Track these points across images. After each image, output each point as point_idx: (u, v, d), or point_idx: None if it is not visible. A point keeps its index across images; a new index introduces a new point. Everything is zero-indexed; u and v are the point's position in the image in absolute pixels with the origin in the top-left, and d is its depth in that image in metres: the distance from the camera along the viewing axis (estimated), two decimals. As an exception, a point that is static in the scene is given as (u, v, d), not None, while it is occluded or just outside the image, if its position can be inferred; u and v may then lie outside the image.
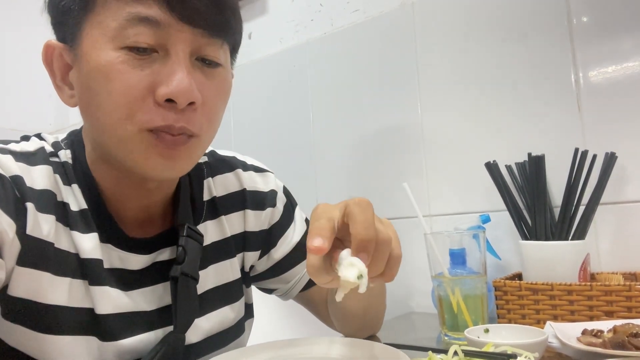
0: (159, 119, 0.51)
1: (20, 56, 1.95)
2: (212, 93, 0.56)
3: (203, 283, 0.65)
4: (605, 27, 0.93)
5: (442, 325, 0.79)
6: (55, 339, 0.54)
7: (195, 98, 0.52)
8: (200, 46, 0.54)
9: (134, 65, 0.51)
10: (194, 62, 0.54)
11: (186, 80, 0.51)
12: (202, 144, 0.58)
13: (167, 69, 0.51)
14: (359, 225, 0.45)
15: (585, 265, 0.82)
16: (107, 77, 0.51)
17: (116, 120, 0.52)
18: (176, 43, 0.52)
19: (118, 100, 0.51)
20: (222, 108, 0.59)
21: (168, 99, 0.51)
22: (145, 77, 0.51)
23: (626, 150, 0.88)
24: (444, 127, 1.11)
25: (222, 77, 0.58)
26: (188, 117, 0.53)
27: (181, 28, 0.51)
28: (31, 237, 0.52)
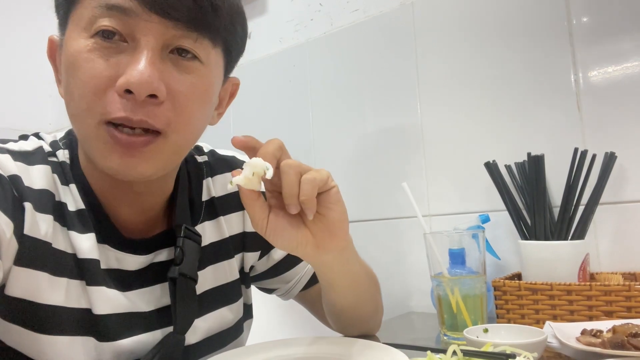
0: (116, 109, 0.49)
1: (20, 56, 1.95)
2: (185, 88, 0.53)
3: (201, 284, 0.65)
4: (604, 27, 0.93)
5: (442, 325, 0.79)
6: (52, 339, 0.54)
7: (155, 90, 0.50)
8: (173, 38, 0.52)
9: (101, 55, 0.50)
10: (167, 55, 0.52)
11: (146, 71, 0.49)
12: (172, 143, 0.54)
13: (131, 59, 0.50)
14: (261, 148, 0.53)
15: (584, 265, 0.82)
16: (74, 65, 0.50)
17: (79, 111, 0.51)
18: (145, 33, 0.50)
19: (82, 90, 0.50)
20: (199, 106, 0.56)
21: (127, 89, 0.49)
22: (109, 66, 0.50)
23: (626, 150, 0.88)
24: (444, 126, 1.11)
25: (200, 74, 0.55)
26: (150, 110, 0.50)
27: (149, 18, 0.50)
28: (29, 237, 0.52)
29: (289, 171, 0.52)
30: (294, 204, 0.52)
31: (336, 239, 0.57)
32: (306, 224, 0.56)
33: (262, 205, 0.54)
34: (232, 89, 0.67)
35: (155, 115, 0.51)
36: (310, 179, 0.52)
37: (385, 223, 1.19)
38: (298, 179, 0.52)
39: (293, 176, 0.52)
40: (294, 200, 0.52)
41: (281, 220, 0.55)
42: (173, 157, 0.56)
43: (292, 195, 0.52)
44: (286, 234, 0.55)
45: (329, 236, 0.56)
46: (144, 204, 0.62)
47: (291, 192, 0.52)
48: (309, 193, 0.52)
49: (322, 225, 0.56)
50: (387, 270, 1.16)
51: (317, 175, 0.53)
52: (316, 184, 0.53)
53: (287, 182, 0.52)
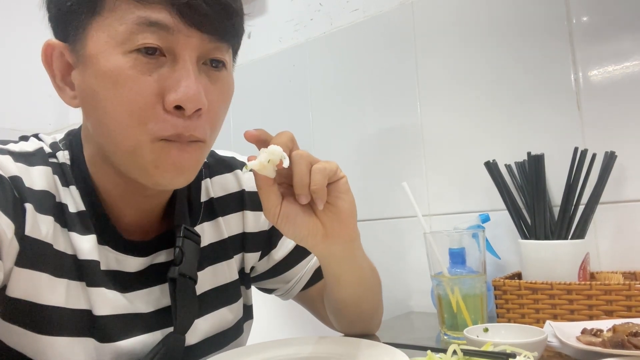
0: (168, 126, 0.51)
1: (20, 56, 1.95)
2: (216, 97, 0.55)
3: (201, 284, 0.65)
4: (604, 26, 0.93)
5: (442, 325, 0.79)
6: (52, 340, 0.54)
7: (203, 104, 0.52)
8: (207, 51, 0.53)
9: (142, 71, 0.50)
10: (200, 66, 0.54)
11: (194, 87, 0.51)
12: (207, 150, 0.57)
13: (176, 75, 0.51)
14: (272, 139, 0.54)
15: (584, 265, 0.82)
16: (115, 82, 0.50)
17: (126, 127, 0.51)
18: (185, 48, 0.51)
19: (128, 107, 0.50)
20: (224, 112, 0.59)
21: (177, 105, 0.51)
22: (153, 83, 0.50)
23: (626, 150, 0.88)
24: (444, 126, 1.11)
25: (226, 81, 0.57)
26: (195, 123, 0.53)
27: (190, 33, 0.51)
28: (30, 238, 0.52)
29: (300, 161, 0.53)
30: (304, 193, 0.53)
31: (345, 229, 0.58)
32: (316, 214, 0.57)
33: (276, 193, 0.55)
34: None
35: (199, 127, 0.54)
36: (321, 169, 0.54)
37: (386, 223, 1.19)
38: (309, 168, 0.54)
39: (304, 166, 0.53)
40: (305, 190, 0.53)
41: (293, 209, 0.56)
42: (204, 160, 0.60)
43: (303, 185, 0.53)
44: (298, 222, 0.56)
45: (338, 226, 0.58)
46: (148, 204, 0.62)
47: (302, 182, 0.53)
48: (320, 182, 0.53)
49: (332, 214, 0.57)
50: (387, 270, 1.15)
51: (327, 165, 0.55)
52: (326, 173, 0.54)
53: (298, 172, 0.53)
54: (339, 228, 0.58)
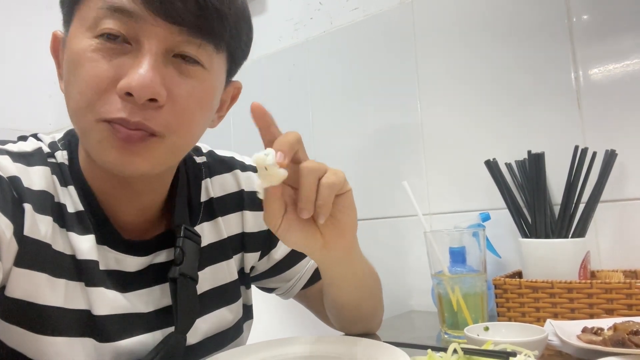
0: (115, 109, 0.50)
1: (20, 56, 1.95)
2: (185, 92, 0.53)
3: (200, 284, 0.65)
4: (605, 25, 0.93)
5: (442, 324, 0.79)
6: (52, 341, 0.54)
7: (156, 94, 0.50)
8: (177, 43, 0.52)
9: (104, 55, 0.50)
10: (170, 59, 0.52)
11: (148, 75, 0.49)
12: (169, 145, 0.54)
13: (133, 62, 0.50)
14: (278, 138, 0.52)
15: (585, 263, 0.82)
16: (77, 64, 0.51)
17: (78, 108, 0.51)
18: (149, 37, 0.50)
19: (82, 88, 0.50)
20: (199, 110, 0.56)
21: (128, 92, 0.49)
22: (111, 67, 0.50)
23: (626, 148, 0.88)
24: (444, 125, 1.11)
25: (202, 78, 0.55)
26: (148, 114, 0.51)
27: (154, 22, 0.50)
28: (29, 238, 0.52)
29: (309, 175, 0.51)
30: (309, 209, 0.51)
31: (344, 240, 0.57)
32: (317, 224, 0.55)
33: (280, 205, 0.53)
34: (233, 93, 0.67)
35: (154, 118, 0.51)
36: (330, 184, 0.51)
37: (386, 222, 1.19)
38: (317, 183, 0.51)
39: (312, 180, 0.51)
40: (310, 206, 0.51)
41: (295, 220, 0.54)
42: (170, 156, 0.56)
43: (309, 201, 0.51)
44: (298, 233, 0.54)
45: (337, 236, 0.56)
46: (142, 202, 0.62)
47: (309, 197, 0.51)
48: (327, 200, 0.51)
49: (333, 227, 0.56)
50: (387, 269, 1.15)
51: (336, 179, 0.52)
52: (335, 189, 0.52)
53: (306, 187, 0.51)
54: (338, 239, 0.57)
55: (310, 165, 0.51)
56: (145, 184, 0.60)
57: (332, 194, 0.52)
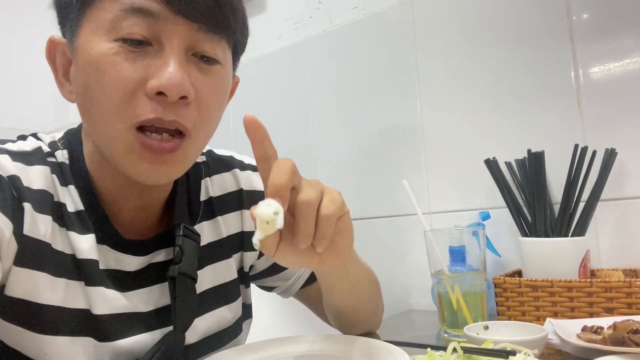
0: (147, 111, 0.50)
1: (20, 56, 1.95)
2: (208, 90, 0.54)
3: (200, 283, 0.65)
4: (605, 24, 0.93)
5: (442, 323, 0.79)
6: (51, 340, 0.54)
7: (187, 92, 0.51)
8: (196, 41, 0.52)
9: (126, 58, 0.50)
10: (190, 57, 0.53)
11: (178, 73, 0.50)
12: (196, 145, 0.55)
13: (160, 62, 0.50)
14: (271, 175, 0.47)
15: (585, 262, 0.82)
16: (99, 69, 0.50)
17: (106, 116, 0.51)
18: (171, 36, 0.51)
19: (109, 94, 0.50)
20: (218, 107, 0.58)
21: (159, 92, 0.50)
22: (137, 69, 0.50)
23: (626, 147, 0.88)
24: (444, 124, 1.11)
25: (220, 75, 0.56)
26: (180, 111, 0.51)
27: (176, 21, 0.50)
28: (28, 238, 0.52)
29: (307, 210, 0.47)
30: (307, 241, 0.48)
31: (340, 259, 0.55)
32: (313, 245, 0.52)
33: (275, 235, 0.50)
34: (232, 87, 0.67)
35: (185, 115, 0.52)
36: (329, 216, 0.48)
37: (386, 221, 1.19)
38: (315, 215, 0.48)
39: (311, 214, 0.48)
40: (309, 239, 0.48)
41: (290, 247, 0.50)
42: (194, 157, 0.58)
43: (309, 235, 0.48)
44: (293, 258, 0.51)
45: (333, 256, 0.54)
46: (145, 200, 0.62)
47: (307, 231, 0.48)
48: (327, 233, 0.49)
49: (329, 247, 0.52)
50: (387, 268, 1.16)
51: (334, 208, 0.49)
52: (334, 219, 0.49)
53: (304, 222, 0.48)
54: (334, 258, 0.54)
55: (307, 199, 0.47)
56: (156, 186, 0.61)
57: (332, 226, 0.49)
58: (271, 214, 0.45)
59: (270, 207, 0.45)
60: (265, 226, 0.46)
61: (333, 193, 0.50)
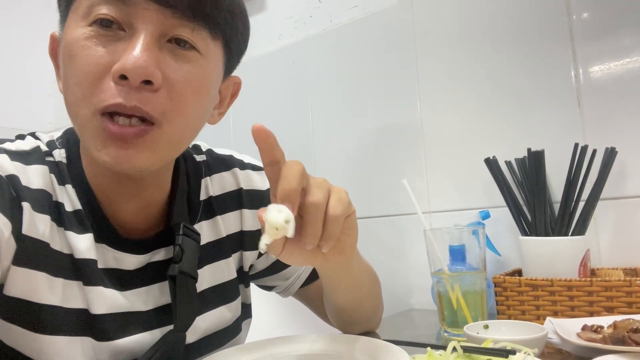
0: (110, 96, 0.49)
1: (19, 56, 1.95)
2: (181, 77, 0.52)
3: (199, 283, 0.65)
4: (605, 23, 0.92)
5: (442, 322, 0.79)
6: (50, 339, 0.54)
7: (150, 75, 0.49)
8: (170, 27, 0.51)
9: (96, 42, 0.50)
10: (164, 44, 0.52)
11: (141, 56, 0.48)
12: (167, 135, 0.52)
13: (127, 46, 0.50)
14: (281, 179, 0.46)
15: (585, 261, 0.82)
16: (71, 53, 0.50)
17: (76, 101, 0.51)
18: (142, 21, 0.50)
19: (79, 78, 0.50)
20: (194, 97, 0.54)
21: (122, 75, 0.49)
22: (105, 54, 0.49)
23: (626, 146, 0.88)
24: (444, 123, 1.11)
25: (198, 64, 0.54)
26: (145, 97, 0.50)
27: (147, 5, 0.50)
28: (27, 237, 0.52)
29: (315, 212, 0.48)
30: (314, 243, 0.48)
31: (344, 256, 0.56)
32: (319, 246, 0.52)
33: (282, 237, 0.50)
34: (233, 89, 0.67)
35: (150, 102, 0.50)
36: (337, 217, 0.48)
37: (386, 220, 1.19)
38: (323, 217, 0.48)
39: (319, 217, 0.48)
40: (316, 240, 0.48)
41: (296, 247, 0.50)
42: (169, 149, 0.55)
43: (316, 236, 0.48)
44: (299, 257, 0.52)
45: (338, 254, 0.54)
46: (143, 199, 0.61)
47: (315, 234, 0.48)
48: (334, 234, 0.49)
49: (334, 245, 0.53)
50: (387, 268, 1.15)
51: (342, 209, 0.49)
52: (341, 221, 0.49)
53: (312, 224, 0.48)
54: (338, 256, 0.55)
55: (316, 201, 0.48)
56: (145, 180, 0.60)
57: (340, 226, 0.49)
58: (282, 222, 0.45)
59: (282, 214, 0.45)
60: (274, 232, 0.45)
61: (340, 193, 0.50)
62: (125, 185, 0.59)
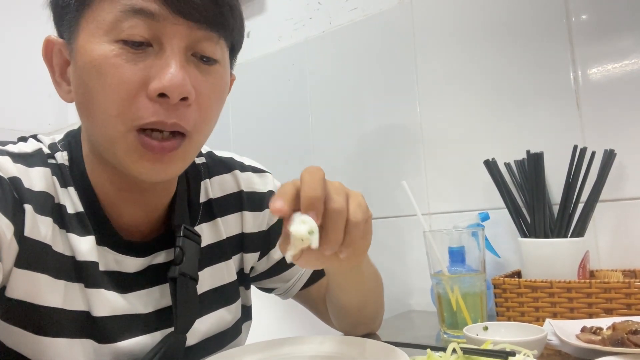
0: (149, 114, 0.50)
1: (19, 56, 1.95)
2: (207, 90, 0.55)
3: (200, 285, 0.65)
4: (604, 24, 0.93)
5: (441, 323, 0.79)
6: (51, 342, 0.54)
7: (188, 93, 0.51)
8: (196, 41, 0.53)
9: (127, 59, 0.50)
10: (189, 57, 0.53)
11: (179, 74, 0.50)
12: (195, 144, 0.56)
13: (161, 63, 0.50)
14: (305, 185, 0.46)
15: (584, 263, 0.82)
16: (100, 71, 0.50)
17: (107, 117, 0.51)
18: (171, 36, 0.51)
19: (111, 96, 0.50)
20: (217, 106, 0.58)
21: (161, 93, 0.50)
22: (138, 71, 0.50)
23: (625, 147, 0.88)
24: (443, 124, 1.11)
25: (219, 75, 0.56)
26: (181, 113, 0.52)
27: (176, 21, 0.51)
28: (29, 239, 0.52)
29: (337, 220, 0.47)
30: (335, 249, 0.48)
31: (357, 259, 0.56)
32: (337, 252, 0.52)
33: None
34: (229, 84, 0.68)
35: (186, 117, 0.52)
36: (359, 223, 0.48)
37: (385, 222, 1.19)
38: (344, 224, 0.48)
39: (340, 224, 0.47)
40: (337, 247, 0.48)
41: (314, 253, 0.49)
42: (194, 155, 0.58)
43: (338, 243, 0.48)
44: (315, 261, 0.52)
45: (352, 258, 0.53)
46: (148, 204, 0.62)
47: (337, 240, 0.47)
48: (355, 241, 0.49)
49: None
50: (387, 269, 1.15)
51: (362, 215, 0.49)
52: (362, 227, 0.49)
53: (335, 230, 0.47)
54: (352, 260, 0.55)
55: (338, 207, 0.47)
56: (155, 187, 0.61)
57: (361, 232, 0.49)
58: (306, 234, 0.45)
59: (305, 226, 0.45)
60: (300, 243, 0.46)
61: (358, 197, 0.50)
62: (133, 192, 0.60)
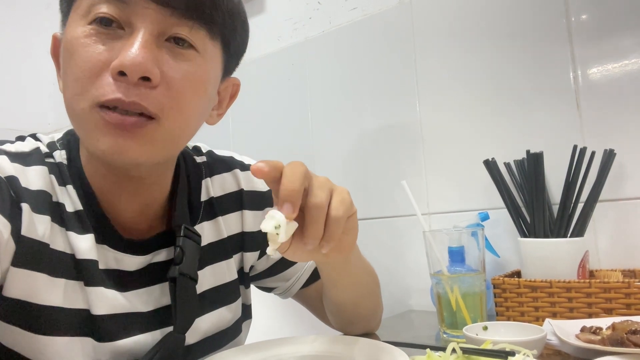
0: (109, 91, 0.50)
1: (20, 56, 1.95)
2: (179, 74, 0.53)
3: (200, 284, 0.65)
4: (603, 24, 0.93)
5: (441, 323, 0.79)
6: (50, 340, 0.54)
7: (148, 72, 0.50)
8: (168, 25, 0.52)
9: (97, 40, 0.51)
10: (163, 42, 0.53)
11: (140, 53, 0.49)
12: (167, 131, 0.53)
13: (127, 44, 0.50)
14: (284, 178, 0.47)
15: (584, 263, 0.82)
16: (71, 51, 0.51)
17: (73, 96, 0.51)
18: (141, 20, 0.51)
19: (77, 74, 0.51)
20: (192, 95, 0.55)
21: (120, 72, 0.49)
22: (105, 51, 0.50)
23: (625, 147, 0.88)
24: (443, 124, 1.11)
25: (196, 62, 0.55)
26: (143, 93, 0.50)
27: (147, 5, 0.51)
28: (26, 238, 0.52)
29: (317, 214, 0.48)
30: (315, 244, 0.49)
31: (344, 254, 0.56)
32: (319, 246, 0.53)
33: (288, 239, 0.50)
34: (232, 90, 0.67)
35: (148, 98, 0.51)
36: (339, 218, 0.49)
37: (385, 221, 1.19)
38: (324, 218, 0.49)
39: (320, 218, 0.48)
40: (317, 242, 0.49)
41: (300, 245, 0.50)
42: (167, 144, 0.55)
43: (317, 237, 0.49)
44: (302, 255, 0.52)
45: (337, 252, 0.55)
46: (143, 199, 0.62)
47: (316, 235, 0.48)
48: (335, 236, 0.49)
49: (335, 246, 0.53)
50: (386, 269, 1.15)
51: (344, 210, 0.49)
52: (343, 222, 0.50)
53: (314, 225, 0.48)
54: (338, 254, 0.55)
55: (317, 203, 0.48)
56: (145, 180, 0.60)
57: (341, 227, 0.50)
58: (272, 228, 0.46)
59: (272, 221, 0.46)
60: (275, 237, 0.46)
61: (342, 193, 0.51)
62: (124, 185, 0.59)
